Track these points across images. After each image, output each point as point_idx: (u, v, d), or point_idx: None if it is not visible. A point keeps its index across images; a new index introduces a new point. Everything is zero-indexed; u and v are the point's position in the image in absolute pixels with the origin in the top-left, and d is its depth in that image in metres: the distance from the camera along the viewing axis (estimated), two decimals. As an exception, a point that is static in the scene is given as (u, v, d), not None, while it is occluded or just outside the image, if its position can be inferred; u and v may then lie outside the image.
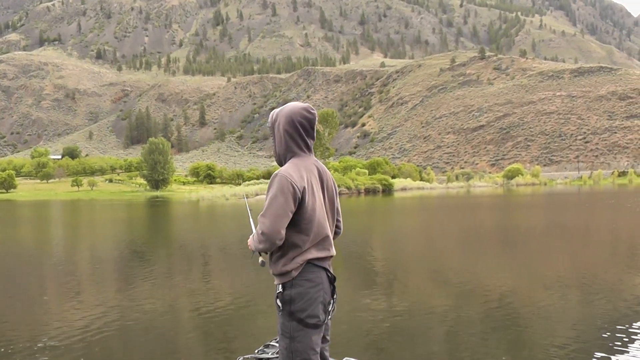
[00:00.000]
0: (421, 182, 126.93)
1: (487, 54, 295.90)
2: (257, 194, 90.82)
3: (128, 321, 10.24)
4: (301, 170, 4.43)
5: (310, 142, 4.59)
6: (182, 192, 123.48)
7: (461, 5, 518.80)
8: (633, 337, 8.52)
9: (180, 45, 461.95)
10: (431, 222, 35.51)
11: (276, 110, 4.68)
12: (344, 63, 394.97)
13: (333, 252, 4.57)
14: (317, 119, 4.64)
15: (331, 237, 4.60)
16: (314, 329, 4.37)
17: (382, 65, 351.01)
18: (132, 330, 9.69)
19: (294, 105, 4.61)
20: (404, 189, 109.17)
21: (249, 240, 4.62)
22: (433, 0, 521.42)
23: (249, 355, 6.10)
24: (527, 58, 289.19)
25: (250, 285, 13.42)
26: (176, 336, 9.44)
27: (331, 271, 4.53)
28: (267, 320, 9.77)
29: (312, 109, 4.62)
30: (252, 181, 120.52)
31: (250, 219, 5.40)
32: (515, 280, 13.90)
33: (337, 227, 4.85)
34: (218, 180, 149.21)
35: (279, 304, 4.39)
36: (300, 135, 4.54)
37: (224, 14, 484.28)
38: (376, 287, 13.36)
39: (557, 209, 44.60)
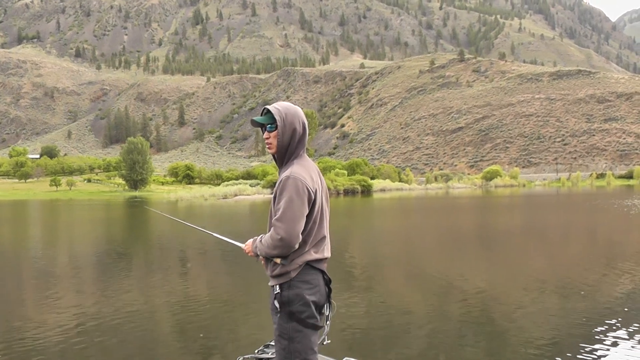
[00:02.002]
0: (400, 183, 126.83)
1: (467, 56, 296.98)
2: (235, 195, 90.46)
3: (108, 323, 10.08)
4: (310, 172, 4.42)
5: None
6: (160, 192, 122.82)
7: (441, 8, 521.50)
8: (609, 337, 8.59)
9: (160, 44, 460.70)
10: (410, 223, 35.39)
11: (280, 106, 4.55)
12: (324, 64, 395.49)
13: (329, 254, 4.57)
14: None
15: (328, 238, 4.59)
16: (313, 329, 4.35)
17: (362, 66, 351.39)
18: (111, 332, 9.52)
19: (294, 106, 4.58)
20: (383, 190, 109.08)
21: (247, 247, 4.63)
22: (413, 2, 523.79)
23: (248, 355, 5.99)
24: (506, 61, 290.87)
25: (230, 284, 13.32)
26: (157, 337, 9.34)
27: (327, 273, 4.53)
28: (252, 320, 9.73)
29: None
30: (231, 181, 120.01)
31: (227, 239, 5.40)
32: (494, 281, 13.94)
33: None
34: (197, 180, 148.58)
35: (277, 305, 4.34)
36: (305, 137, 4.54)
37: (204, 14, 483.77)
38: (354, 288, 13.22)
39: (535, 210, 44.67)
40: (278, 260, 4.41)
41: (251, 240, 4.66)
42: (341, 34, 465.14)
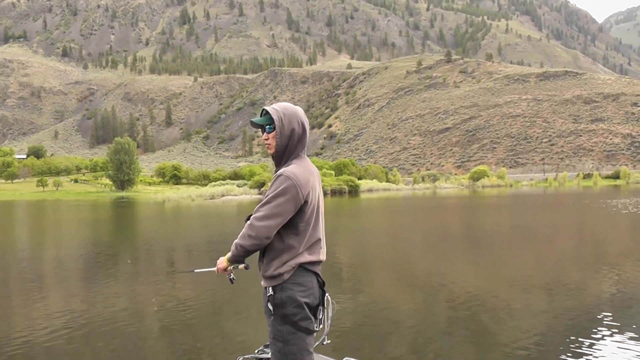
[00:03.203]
0: (387, 183, 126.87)
1: (454, 57, 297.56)
2: (223, 195, 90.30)
3: (95, 325, 10.05)
4: (306, 173, 4.39)
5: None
6: (147, 192, 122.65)
7: (428, 9, 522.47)
8: (596, 335, 8.63)
9: (147, 43, 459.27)
10: (398, 223, 35.33)
11: (278, 107, 4.54)
12: (311, 64, 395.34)
13: (324, 256, 4.53)
14: None
15: (323, 240, 4.55)
16: (306, 332, 4.30)
17: (349, 66, 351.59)
18: (98, 335, 9.50)
19: (294, 106, 4.58)
20: (370, 190, 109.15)
21: (219, 264, 4.62)
22: (400, 3, 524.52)
23: (248, 355, 5.85)
24: (493, 62, 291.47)
25: (221, 284, 13.20)
26: (155, 338, 9.30)
27: (321, 276, 4.50)
28: (251, 320, 9.77)
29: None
30: (218, 182, 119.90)
31: (206, 269, 5.27)
32: (481, 281, 13.91)
33: None
34: (184, 181, 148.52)
35: (270, 307, 4.32)
36: (305, 138, 4.55)
37: (191, 13, 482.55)
38: (341, 288, 13.18)
39: (522, 211, 44.70)
40: (241, 266, 4.50)
41: (221, 258, 4.63)
42: (328, 34, 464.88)
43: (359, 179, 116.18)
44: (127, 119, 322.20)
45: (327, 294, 4.56)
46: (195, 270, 5.59)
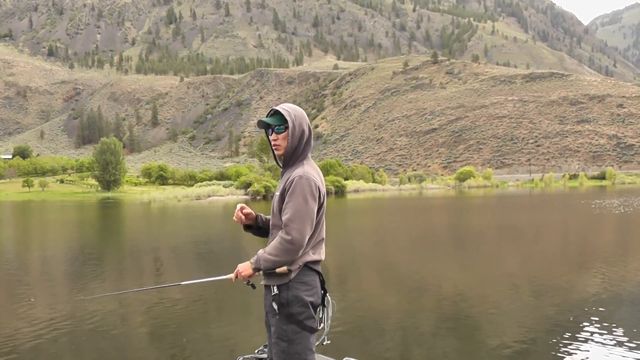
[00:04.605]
0: (374, 184, 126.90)
1: (440, 58, 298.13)
2: (209, 196, 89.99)
3: (81, 327, 10.02)
4: (320, 174, 4.43)
5: None
6: (133, 193, 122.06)
7: (414, 10, 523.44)
8: (582, 334, 8.69)
9: (133, 43, 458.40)
10: (384, 223, 35.26)
11: (289, 108, 4.51)
12: (297, 65, 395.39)
13: (324, 256, 4.56)
14: None
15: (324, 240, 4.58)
16: (311, 332, 4.31)
17: (335, 67, 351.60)
18: (83, 336, 9.46)
19: (300, 108, 4.55)
20: (356, 191, 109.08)
21: (238, 271, 4.44)
22: (386, 4, 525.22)
23: (248, 355, 5.97)
24: (479, 63, 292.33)
25: (211, 285, 12.88)
26: (153, 340, 9.26)
27: (322, 275, 4.52)
28: (249, 320, 9.73)
29: None
30: (204, 182, 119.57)
31: (209, 279, 5.07)
32: (467, 281, 13.92)
33: None
34: (170, 181, 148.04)
35: (275, 306, 4.30)
36: (310, 138, 4.53)
37: (177, 13, 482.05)
38: (329, 288, 12.78)
39: (508, 211, 44.81)
40: (284, 269, 4.29)
41: (243, 264, 4.47)
42: (315, 34, 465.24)
43: (346, 179, 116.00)
44: (113, 119, 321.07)
45: (327, 294, 4.56)
46: (206, 280, 5.13)
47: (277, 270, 4.28)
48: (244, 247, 20.77)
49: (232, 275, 4.55)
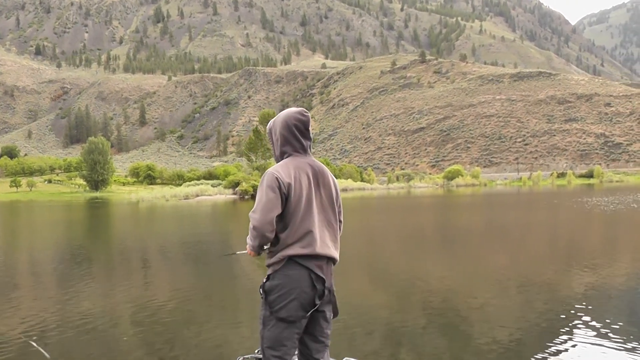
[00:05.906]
0: (362, 182, 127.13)
1: (428, 57, 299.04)
2: (197, 195, 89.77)
3: (71, 327, 9.89)
4: (290, 168, 4.54)
5: (305, 142, 4.74)
6: (121, 192, 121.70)
7: (402, 9, 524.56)
8: (570, 332, 8.62)
9: (121, 42, 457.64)
10: (373, 222, 35.14)
11: (273, 119, 4.90)
12: (285, 64, 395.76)
13: (324, 251, 4.63)
14: (310, 120, 4.82)
15: (323, 234, 4.68)
16: (283, 323, 4.46)
17: (323, 66, 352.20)
18: (76, 336, 9.28)
19: (289, 110, 4.79)
20: (344, 190, 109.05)
21: (248, 248, 4.70)
22: (374, 3, 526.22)
23: (248, 355, 6.05)
24: (467, 62, 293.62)
25: (205, 285, 13.12)
26: (152, 341, 9.05)
27: (319, 273, 4.56)
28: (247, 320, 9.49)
29: (306, 112, 4.79)
30: (192, 182, 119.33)
31: (239, 252, 5.88)
32: (455, 279, 13.77)
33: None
34: (158, 181, 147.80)
35: (261, 292, 4.55)
36: (295, 137, 4.69)
37: (165, 11, 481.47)
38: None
39: (496, 209, 44.77)
40: (252, 253, 4.67)
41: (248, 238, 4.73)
42: (303, 34, 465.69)
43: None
44: (101, 119, 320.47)
45: (329, 294, 4.69)
46: (237, 253, 6.16)
47: (249, 253, 4.69)
48: (232, 246, 20.65)
49: (246, 251, 4.84)
